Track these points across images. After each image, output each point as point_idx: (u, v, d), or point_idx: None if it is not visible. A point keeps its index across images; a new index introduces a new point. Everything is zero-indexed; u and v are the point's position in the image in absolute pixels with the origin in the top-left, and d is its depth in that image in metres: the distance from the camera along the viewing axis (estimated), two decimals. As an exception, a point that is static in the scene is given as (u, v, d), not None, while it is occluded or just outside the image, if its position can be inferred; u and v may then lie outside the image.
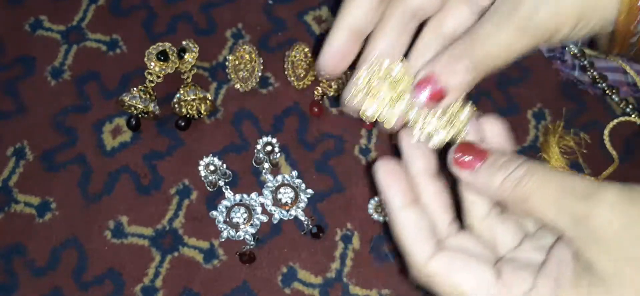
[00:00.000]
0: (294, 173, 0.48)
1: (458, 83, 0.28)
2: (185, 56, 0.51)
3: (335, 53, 0.29)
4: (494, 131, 0.31)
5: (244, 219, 0.46)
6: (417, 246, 0.28)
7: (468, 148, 0.29)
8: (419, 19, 0.30)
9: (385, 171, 0.29)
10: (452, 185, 0.31)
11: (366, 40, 0.30)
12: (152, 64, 0.50)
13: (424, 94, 0.28)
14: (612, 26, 0.27)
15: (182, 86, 0.49)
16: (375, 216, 0.46)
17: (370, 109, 0.30)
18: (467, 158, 0.28)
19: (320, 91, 0.50)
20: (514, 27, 0.27)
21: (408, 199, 0.29)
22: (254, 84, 0.51)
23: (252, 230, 0.46)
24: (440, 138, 0.30)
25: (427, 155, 0.31)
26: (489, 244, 0.30)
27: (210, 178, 0.47)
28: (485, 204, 0.30)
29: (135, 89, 0.48)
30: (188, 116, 0.49)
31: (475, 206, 0.30)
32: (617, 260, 0.23)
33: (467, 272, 0.27)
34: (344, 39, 0.29)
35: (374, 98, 0.30)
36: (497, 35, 0.27)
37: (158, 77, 0.50)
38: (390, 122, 0.30)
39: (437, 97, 0.28)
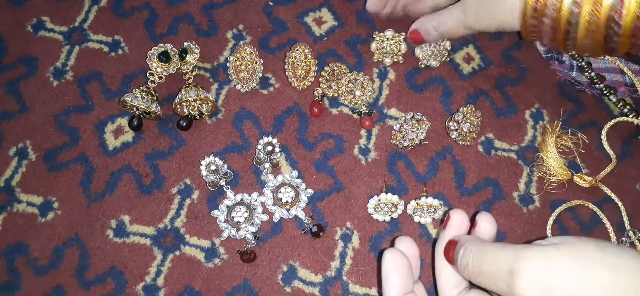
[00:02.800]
0: (294, 173, 0.48)
1: (430, 39, 0.50)
2: (187, 57, 0.51)
3: (374, 3, 0.53)
4: (485, 226, 0.36)
5: (245, 219, 0.46)
6: (390, 286, 0.34)
7: (450, 244, 0.36)
8: None
9: (390, 262, 0.35)
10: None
11: None
12: (154, 64, 0.50)
13: (413, 38, 0.51)
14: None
15: (184, 87, 0.49)
16: (375, 216, 0.46)
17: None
18: (450, 254, 0.35)
19: (320, 91, 0.51)
20: (460, 23, 0.47)
21: (403, 291, 0.35)
22: (255, 84, 0.51)
23: (253, 229, 0.46)
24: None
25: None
26: None
27: (211, 177, 0.47)
28: (454, 289, 0.36)
29: (137, 89, 0.49)
30: (189, 116, 0.49)
31: (445, 290, 0.36)
32: None
33: None
34: None
35: None
36: (450, 23, 0.48)
37: (160, 77, 0.51)
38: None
39: (419, 41, 0.51)
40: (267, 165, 0.48)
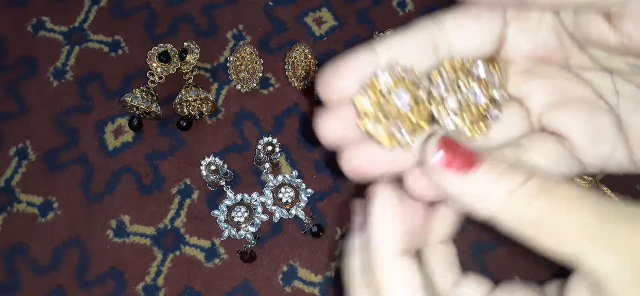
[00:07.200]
0: (294, 173, 0.48)
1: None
2: (187, 57, 0.51)
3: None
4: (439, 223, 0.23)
5: (245, 219, 0.46)
6: (388, 231, 0.21)
7: (452, 146, 0.19)
8: None
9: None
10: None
11: None
12: (154, 64, 0.50)
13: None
14: None
15: (184, 87, 0.49)
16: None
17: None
18: (454, 160, 0.19)
19: (321, 92, 0.51)
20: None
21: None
22: (255, 84, 0.51)
23: (253, 229, 0.46)
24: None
25: None
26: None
27: (211, 177, 0.47)
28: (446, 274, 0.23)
29: (137, 89, 0.49)
30: (190, 116, 0.49)
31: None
32: None
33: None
34: None
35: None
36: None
37: (160, 77, 0.51)
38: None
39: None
40: (267, 165, 0.48)
